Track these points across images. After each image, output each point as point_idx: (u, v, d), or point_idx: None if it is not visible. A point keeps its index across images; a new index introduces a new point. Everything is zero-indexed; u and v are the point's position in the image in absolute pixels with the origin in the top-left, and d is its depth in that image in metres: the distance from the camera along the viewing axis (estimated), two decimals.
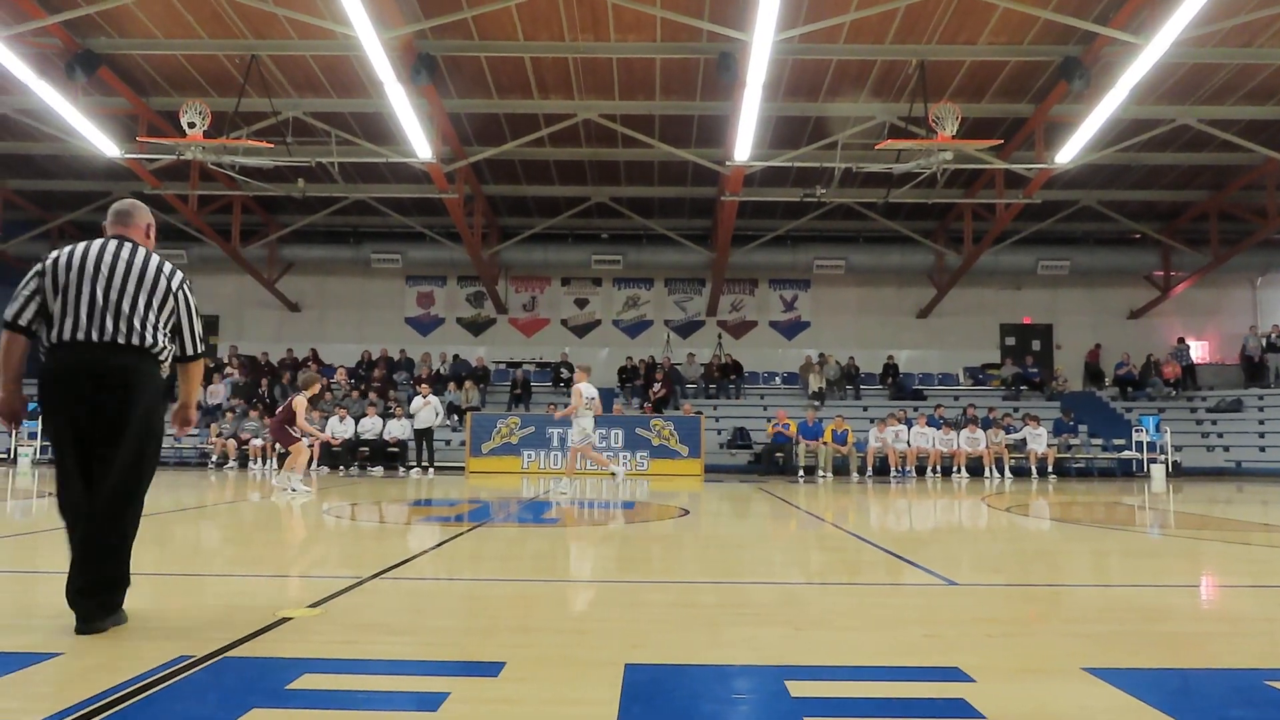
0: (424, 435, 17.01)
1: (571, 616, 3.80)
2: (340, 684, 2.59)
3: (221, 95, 15.71)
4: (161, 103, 16.17)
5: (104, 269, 3.34)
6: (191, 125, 14.21)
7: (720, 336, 23.60)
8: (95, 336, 3.26)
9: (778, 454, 17.64)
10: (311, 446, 13.49)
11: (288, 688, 2.54)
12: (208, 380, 20.05)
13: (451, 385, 20.22)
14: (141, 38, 14.48)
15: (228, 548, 6.37)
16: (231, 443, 17.46)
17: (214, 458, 17.48)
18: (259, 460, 17.03)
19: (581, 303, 23.90)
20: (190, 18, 13.85)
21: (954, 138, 14.22)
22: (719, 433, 19.36)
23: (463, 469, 17.38)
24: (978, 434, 17.47)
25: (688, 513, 9.18)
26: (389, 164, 17.38)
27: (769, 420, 18.53)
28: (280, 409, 11.71)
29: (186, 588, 4.58)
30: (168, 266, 3.47)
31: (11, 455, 16.71)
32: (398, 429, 17.47)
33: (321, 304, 23.56)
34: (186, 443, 18.09)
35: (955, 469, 17.10)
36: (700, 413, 18.65)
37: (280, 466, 12.37)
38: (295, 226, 21.31)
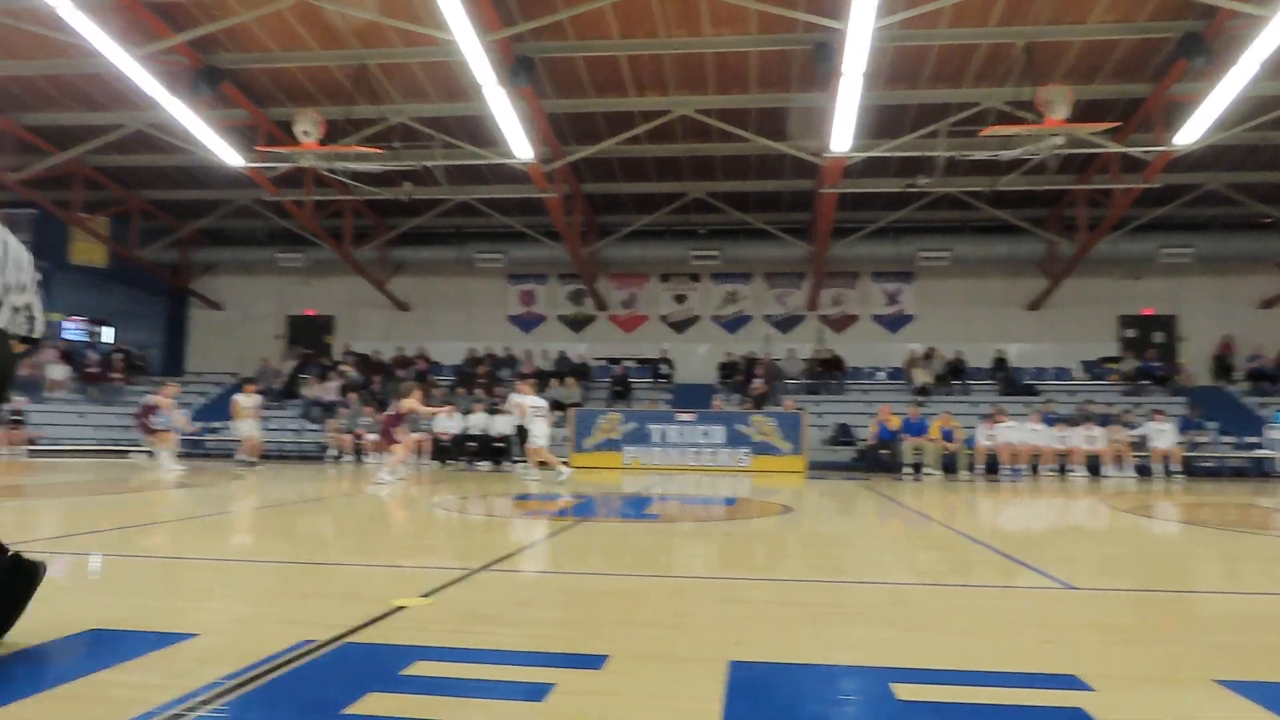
0: (523, 432, 17.23)
1: (673, 612, 3.82)
2: (450, 671, 2.68)
3: (333, 104, 16.39)
4: (278, 113, 16.98)
5: None
6: (306, 134, 14.89)
7: (821, 331, 23.24)
8: None
9: (882, 451, 17.25)
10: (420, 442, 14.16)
11: (401, 673, 2.64)
12: (322, 378, 20.99)
13: (554, 381, 20.57)
14: (260, 52, 15.25)
15: (345, 538, 6.65)
16: (348, 437, 18.22)
17: (332, 452, 18.27)
18: (373, 454, 17.72)
19: (680, 298, 23.93)
20: (304, 31, 14.51)
21: (1066, 121, 13.59)
22: (821, 429, 19.07)
23: (566, 464, 17.61)
24: (1095, 431, 16.67)
25: (790, 510, 9.08)
26: (490, 165, 17.79)
27: (872, 416, 18.15)
28: (388, 410, 12.37)
29: (309, 575, 4.82)
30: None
31: (149, 448, 17.84)
32: (503, 424, 17.87)
33: (429, 303, 24.30)
34: (307, 437, 18.97)
35: (1072, 467, 16.37)
36: (802, 408, 18.40)
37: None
38: (403, 229, 22.06)
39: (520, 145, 15.34)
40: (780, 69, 15.23)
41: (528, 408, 13.70)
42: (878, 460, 17.22)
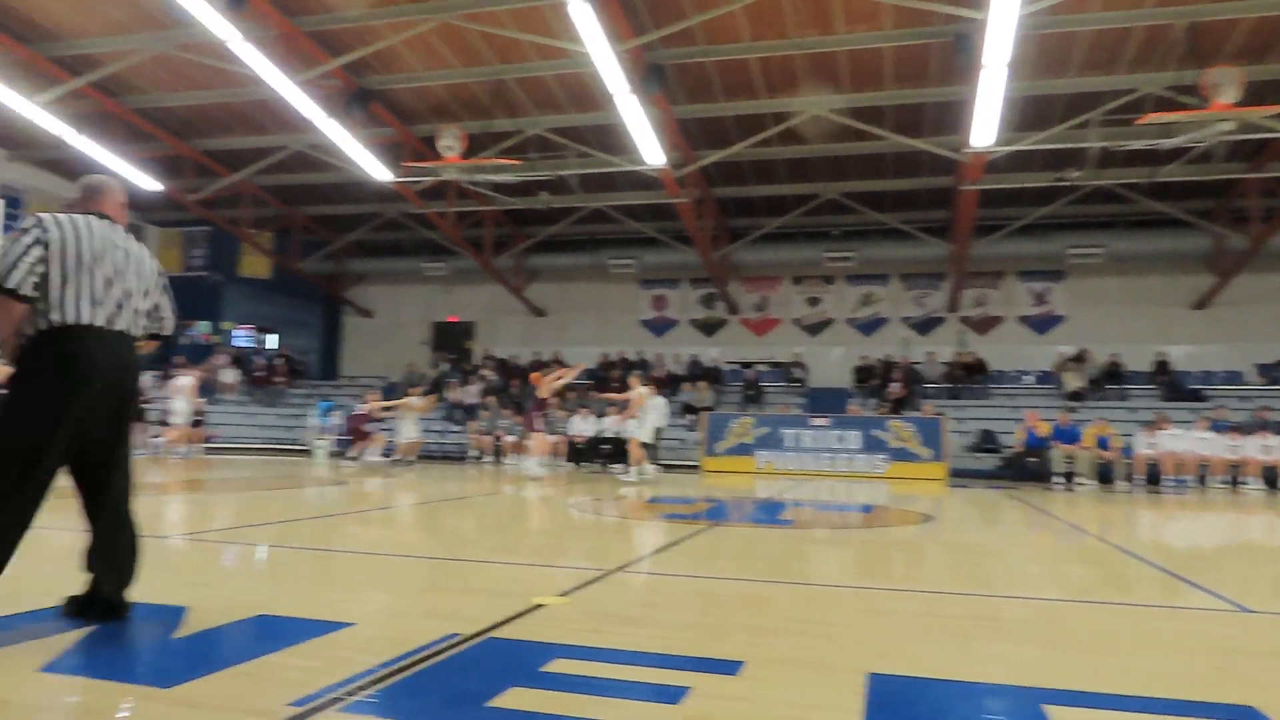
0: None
1: (809, 619, 3.76)
2: (588, 670, 2.74)
3: (473, 119, 17.05)
4: (423, 130, 17.81)
5: (105, 251, 3.14)
6: (449, 148, 15.55)
7: (962, 333, 22.33)
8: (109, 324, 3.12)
9: (1030, 459, 16.39)
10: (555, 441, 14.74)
11: (541, 670, 2.72)
12: (464, 382, 21.83)
13: (685, 384, 20.64)
14: (406, 72, 16.05)
15: (486, 537, 6.90)
16: (488, 439, 18.88)
17: (473, 452, 18.98)
18: (512, 456, 18.32)
19: (813, 301, 23.55)
20: (446, 51, 15.18)
21: (1235, 105, 12.55)
22: (963, 435, 18.32)
23: (697, 467, 17.69)
24: (1273, 440, 15.28)
25: (931, 518, 8.77)
26: (623, 172, 18.05)
27: (1018, 422, 17.28)
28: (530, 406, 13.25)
29: (453, 571, 5.03)
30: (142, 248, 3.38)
31: (309, 447, 19.07)
32: (634, 428, 18.05)
33: (564, 309, 24.88)
34: (450, 439, 19.77)
35: (1245, 480, 15.07)
36: (942, 413, 17.74)
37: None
38: (540, 237, 22.68)
39: (652, 151, 15.50)
40: (917, 63, 14.75)
41: (645, 399, 13.71)
42: (1025, 468, 16.35)
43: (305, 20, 14.35)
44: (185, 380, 16.51)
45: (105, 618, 3.20)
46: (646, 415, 13.71)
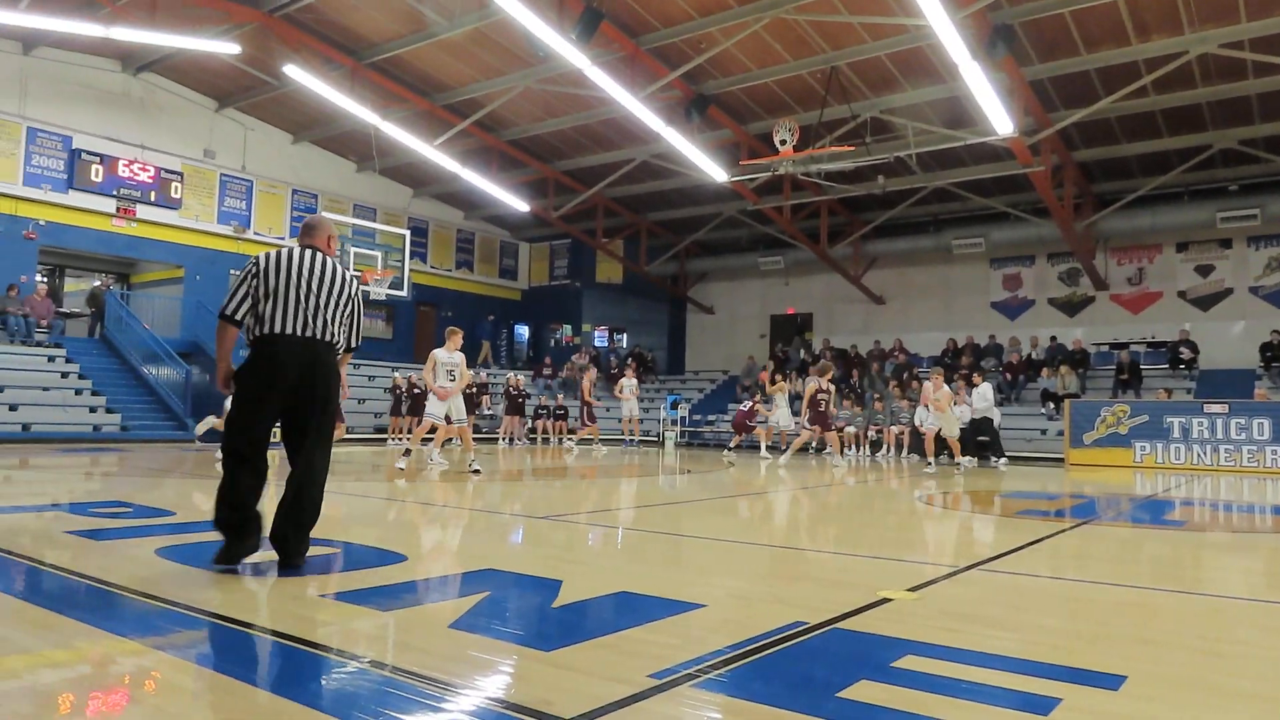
0: (982, 424, 15.88)
1: (1208, 635, 3.27)
2: (942, 670, 2.62)
3: (806, 110, 17.02)
4: (757, 127, 18.14)
5: (304, 276, 3.97)
6: (783, 143, 15.67)
7: None
8: (300, 332, 3.91)
9: None
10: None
11: (892, 665, 2.66)
12: (802, 372, 21.87)
13: (1045, 370, 18.86)
14: (739, 74, 16.45)
15: (828, 526, 6.87)
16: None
17: (813, 443, 18.96)
18: (853, 447, 18.03)
19: (1204, 270, 20.29)
20: (777, 45, 15.32)
21: None
22: None
23: (1060, 460, 16.11)
24: None
25: None
26: (967, 147, 16.94)
27: None
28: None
29: (797, 560, 5.08)
30: (348, 273, 4.15)
31: (660, 438, 20.31)
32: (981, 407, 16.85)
33: (905, 295, 23.94)
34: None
35: None
36: None
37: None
38: (877, 222, 22.05)
39: (1000, 120, 14.33)
40: None
41: (939, 398, 13.19)
42: None
43: (646, 39, 15.31)
44: (628, 381, 18.85)
45: (280, 565, 3.91)
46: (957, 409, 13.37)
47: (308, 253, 4.06)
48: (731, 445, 15.93)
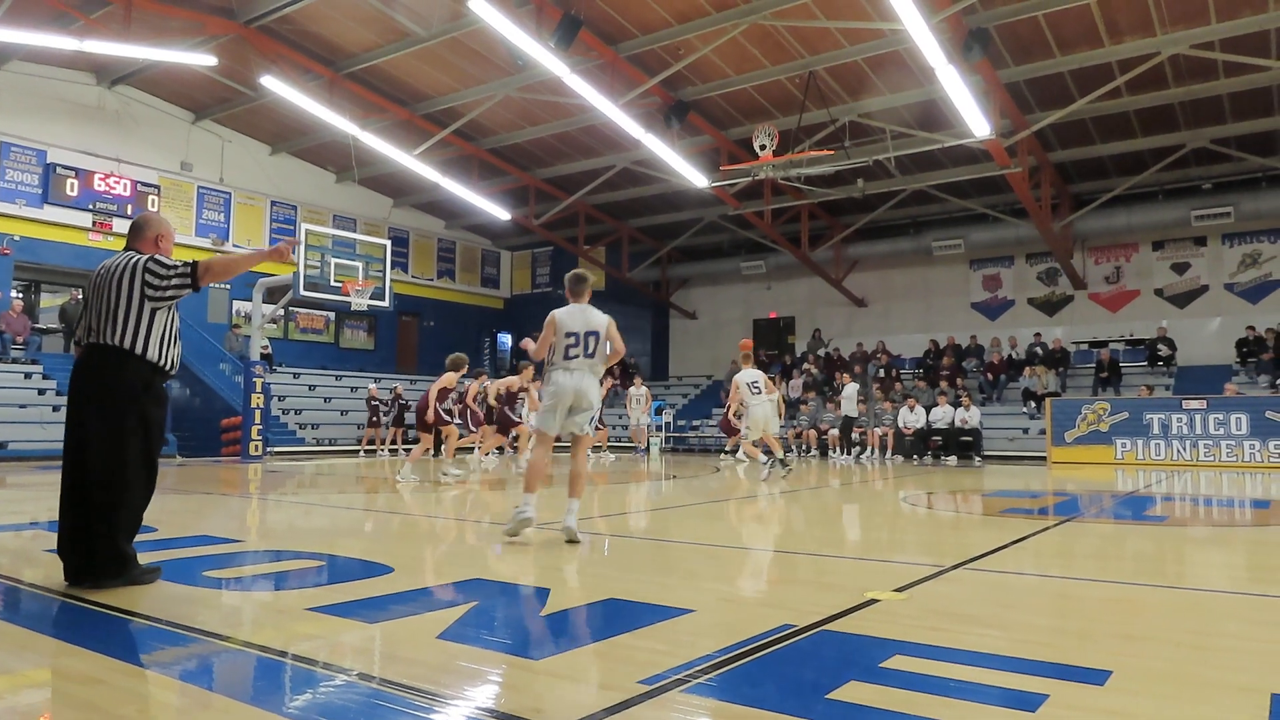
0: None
1: (1190, 629, 3.30)
2: (930, 669, 2.63)
3: (785, 115, 17.10)
4: (736, 132, 18.20)
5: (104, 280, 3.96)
6: (763, 148, 15.72)
7: None
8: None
9: None
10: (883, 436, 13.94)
11: (880, 665, 2.67)
12: (788, 377, 21.94)
13: (1026, 370, 19.03)
14: (718, 80, 16.51)
15: (814, 529, 6.89)
16: (811, 433, 18.81)
17: (802, 447, 19.03)
18: (836, 449, 18.10)
19: (1180, 268, 20.52)
20: (756, 51, 15.39)
21: None
22: None
23: (1043, 459, 16.23)
24: None
25: None
26: (945, 149, 17.07)
27: None
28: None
29: (783, 563, 5.09)
30: (136, 260, 3.93)
31: (645, 444, 20.29)
32: (966, 417, 17.02)
33: (886, 297, 24.06)
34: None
35: None
36: None
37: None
38: (857, 225, 22.16)
39: (977, 122, 14.46)
40: None
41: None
42: None
43: (625, 46, 15.33)
44: (637, 391, 19.07)
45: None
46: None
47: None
48: (728, 448, 15.94)
